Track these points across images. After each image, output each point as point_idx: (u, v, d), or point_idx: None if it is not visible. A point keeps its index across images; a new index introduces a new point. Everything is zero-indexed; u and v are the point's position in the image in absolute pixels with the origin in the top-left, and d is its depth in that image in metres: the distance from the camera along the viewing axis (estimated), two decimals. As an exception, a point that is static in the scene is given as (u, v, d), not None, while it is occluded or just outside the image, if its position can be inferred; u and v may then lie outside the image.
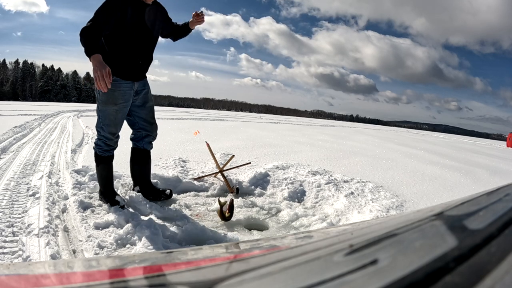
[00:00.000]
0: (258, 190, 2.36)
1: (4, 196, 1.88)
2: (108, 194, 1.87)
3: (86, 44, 1.60)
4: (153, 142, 2.06)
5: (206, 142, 3.00)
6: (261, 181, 2.53)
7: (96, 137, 1.90)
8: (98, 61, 1.57)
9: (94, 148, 1.91)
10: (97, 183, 2.13)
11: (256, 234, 1.70)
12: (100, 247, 1.36)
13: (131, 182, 2.17)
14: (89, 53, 1.59)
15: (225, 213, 1.76)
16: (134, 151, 2.05)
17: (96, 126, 1.87)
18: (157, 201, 1.99)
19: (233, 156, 2.81)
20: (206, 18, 2.02)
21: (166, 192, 2.05)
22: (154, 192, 2.03)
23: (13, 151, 3.36)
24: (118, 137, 1.90)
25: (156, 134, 2.06)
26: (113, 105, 1.78)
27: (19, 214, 1.64)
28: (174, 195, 2.10)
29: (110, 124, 1.83)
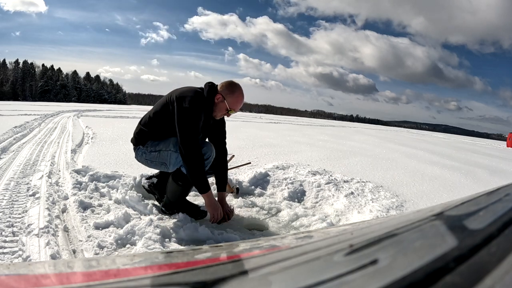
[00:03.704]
0: (258, 190, 2.36)
1: (4, 196, 1.88)
2: (188, 207, 1.82)
3: (200, 180, 1.62)
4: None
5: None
6: (261, 181, 2.53)
7: None
8: (213, 200, 1.69)
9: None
10: (97, 184, 2.13)
11: (256, 234, 1.70)
12: (100, 247, 1.36)
13: (131, 182, 2.17)
14: (204, 190, 1.64)
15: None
16: None
17: None
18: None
19: (233, 156, 2.81)
20: (203, 18, 2.00)
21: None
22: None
23: (13, 151, 3.36)
24: None
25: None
26: None
27: (19, 214, 1.64)
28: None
29: None
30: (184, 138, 1.60)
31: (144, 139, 1.78)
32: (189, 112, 1.61)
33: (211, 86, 1.74)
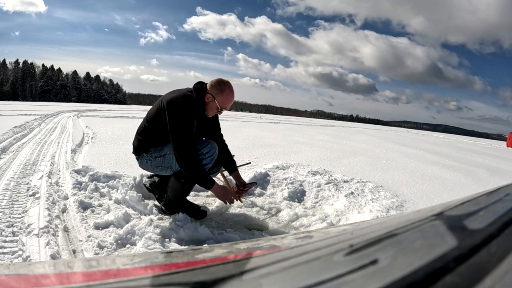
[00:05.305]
0: (258, 190, 2.36)
1: (4, 196, 1.88)
2: (188, 206, 1.83)
3: (203, 179, 1.65)
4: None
5: (206, 142, 3.00)
6: (261, 181, 2.53)
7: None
8: (221, 190, 1.71)
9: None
10: (96, 183, 2.13)
11: (256, 234, 1.70)
12: (100, 247, 1.36)
13: (131, 182, 2.17)
14: (209, 186, 1.66)
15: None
16: None
17: None
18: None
19: (233, 156, 2.81)
20: (202, 18, 2.01)
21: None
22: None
23: (13, 151, 3.36)
24: None
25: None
26: None
27: (19, 214, 1.64)
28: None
29: None
30: (178, 146, 1.61)
31: (146, 147, 1.80)
32: (180, 120, 1.62)
33: (199, 87, 1.73)
